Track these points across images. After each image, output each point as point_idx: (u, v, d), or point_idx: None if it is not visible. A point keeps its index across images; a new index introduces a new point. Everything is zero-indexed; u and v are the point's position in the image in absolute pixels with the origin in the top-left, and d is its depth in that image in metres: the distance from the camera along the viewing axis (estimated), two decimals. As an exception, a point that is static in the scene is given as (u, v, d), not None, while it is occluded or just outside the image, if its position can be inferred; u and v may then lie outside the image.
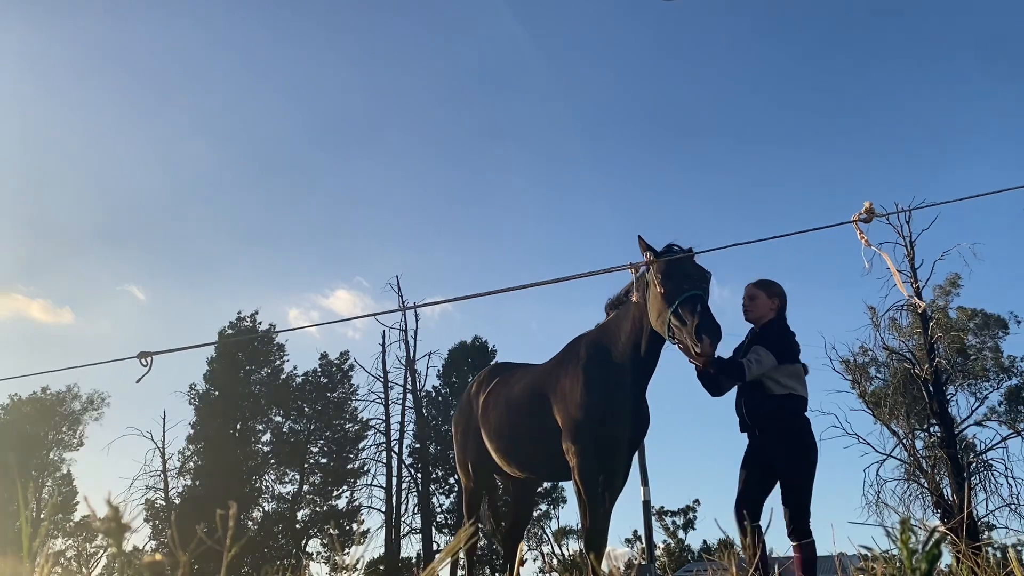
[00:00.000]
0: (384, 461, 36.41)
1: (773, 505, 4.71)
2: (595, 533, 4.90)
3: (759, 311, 4.93)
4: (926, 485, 25.72)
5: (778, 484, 4.71)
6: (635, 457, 5.73)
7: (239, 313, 39.65)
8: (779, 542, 4.75)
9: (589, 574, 4.75)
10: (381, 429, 36.81)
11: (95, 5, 53.78)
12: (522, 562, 3.80)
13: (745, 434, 4.93)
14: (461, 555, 6.40)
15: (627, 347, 4.92)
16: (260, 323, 39.37)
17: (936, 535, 1.23)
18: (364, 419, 38.14)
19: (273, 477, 37.65)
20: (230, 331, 38.33)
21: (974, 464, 25.96)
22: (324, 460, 38.04)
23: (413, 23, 55.28)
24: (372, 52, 54.38)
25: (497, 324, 57.06)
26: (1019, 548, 25.84)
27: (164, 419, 36.97)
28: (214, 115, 54.12)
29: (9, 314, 50.95)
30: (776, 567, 4.66)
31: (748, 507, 4.65)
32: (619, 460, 5.14)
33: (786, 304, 4.99)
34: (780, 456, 4.65)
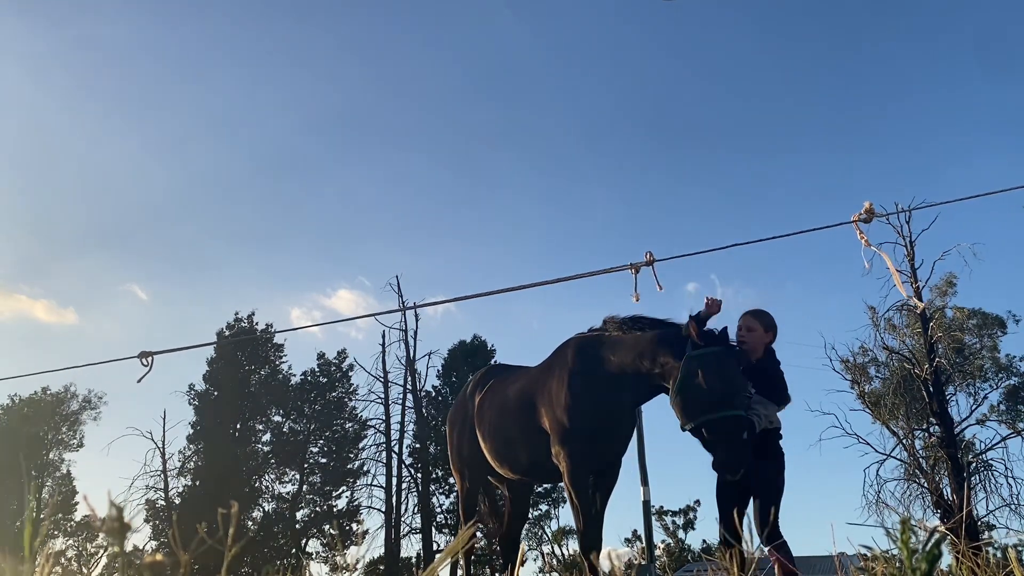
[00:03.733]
0: (384, 461, 36.43)
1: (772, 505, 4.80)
2: (589, 535, 4.98)
3: (754, 343, 5.01)
4: (926, 485, 25.73)
5: (752, 495, 4.87)
6: (630, 457, 5.78)
7: (236, 313, 39.72)
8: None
9: (588, 575, 4.78)
10: (381, 429, 36.83)
11: (98, 5, 53.82)
12: (522, 562, 3.81)
13: None
14: (459, 555, 6.44)
15: (619, 377, 4.93)
16: (257, 323, 39.41)
17: (936, 535, 1.23)
18: (364, 419, 38.21)
19: (273, 477, 37.67)
20: (228, 331, 38.36)
21: (974, 464, 25.96)
22: (324, 460, 38.05)
23: (414, 25, 55.28)
24: (375, 53, 54.38)
25: (497, 324, 57.13)
26: (1019, 548, 25.85)
27: (164, 419, 37.02)
28: (217, 115, 54.19)
29: (12, 315, 51.10)
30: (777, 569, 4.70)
31: (733, 521, 4.78)
32: (608, 462, 5.21)
33: (776, 337, 5.13)
34: (760, 471, 4.78)
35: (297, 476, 37.50)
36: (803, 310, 51.27)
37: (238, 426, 37.64)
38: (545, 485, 34.88)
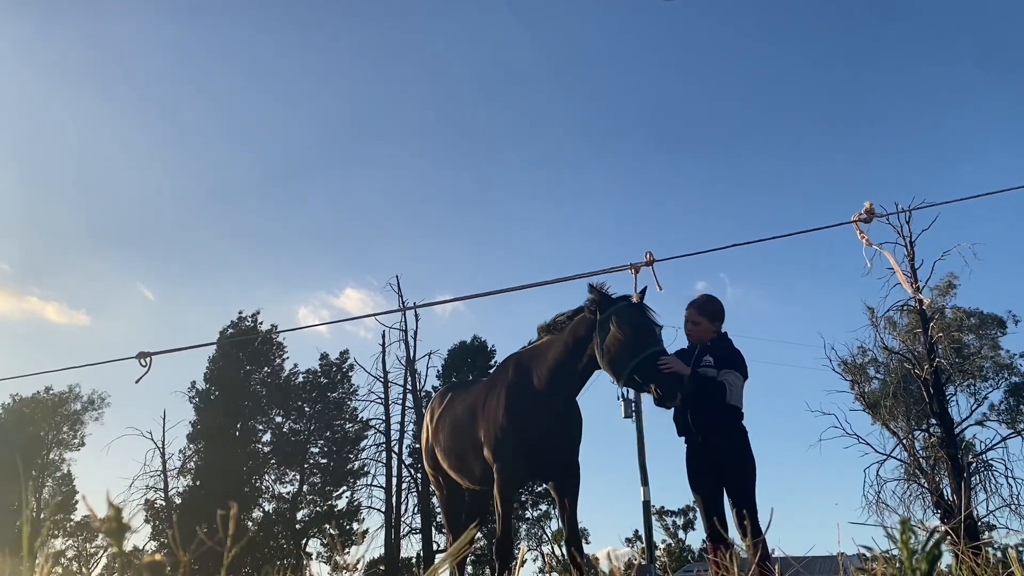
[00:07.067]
0: (384, 461, 36.41)
1: (773, 505, 4.81)
2: (505, 541, 5.26)
3: (702, 335, 5.24)
4: (926, 485, 25.70)
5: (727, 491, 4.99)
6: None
7: (240, 313, 39.66)
8: (778, 542, 4.80)
9: (583, 574, 4.90)
10: (381, 429, 36.81)
11: (108, 7, 53.85)
12: (522, 563, 3.82)
13: (683, 438, 5.21)
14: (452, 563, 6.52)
15: (555, 371, 5.14)
16: (261, 323, 39.37)
17: (936, 535, 1.23)
18: (364, 419, 38.17)
19: (273, 477, 37.63)
20: (231, 331, 38.30)
21: (974, 464, 25.94)
22: (324, 460, 38.00)
23: (418, 28, 55.31)
24: (381, 56, 54.42)
25: (498, 324, 57.12)
26: (1020, 548, 25.84)
27: (164, 419, 37.00)
28: (225, 117, 54.35)
29: (24, 316, 51.33)
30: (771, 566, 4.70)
31: (719, 519, 4.86)
32: (559, 468, 5.35)
33: (724, 320, 5.31)
34: (728, 464, 4.94)
35: (297, 476, 37.46)
36: (803, 310, 51.32)
37: (238, 426, 37.59)
38: (545, 484, 34.85)
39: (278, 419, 38.63)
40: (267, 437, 38.39)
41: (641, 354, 4.65)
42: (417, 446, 36.62)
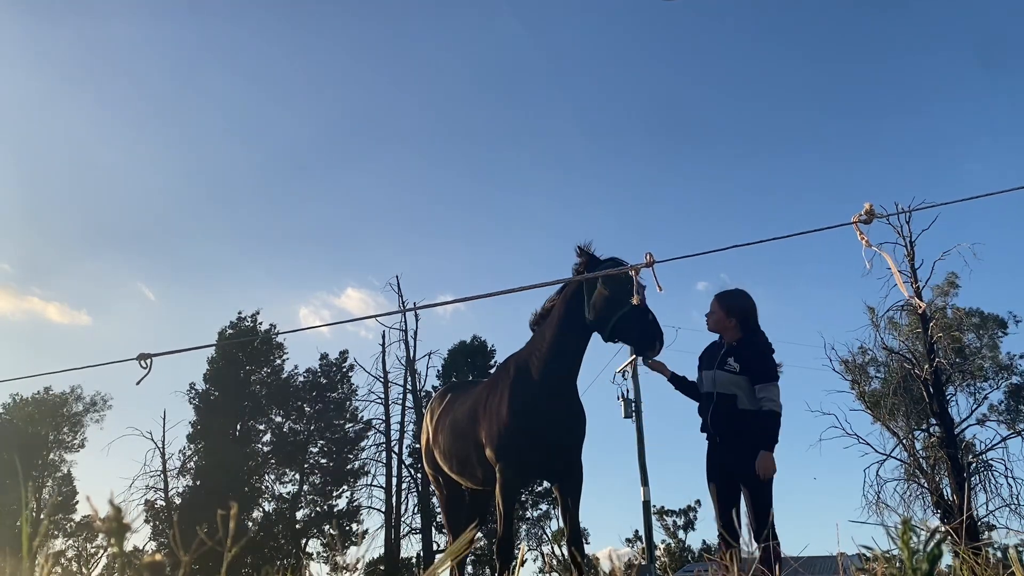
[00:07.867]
0: (384, 461, 36.42)
1: (773, 505, 4.82)
2: (507, 542, 5.25)
3: (715, 325, 5.17)
4: (926, 485, 25.71)
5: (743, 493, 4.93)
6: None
7: (239, 313, 39.65)
8: (786, 543, 4.81)
9: (583, 573, 4.94)
10: (381, 429, 36.82)
11: (108, 7, 53.87)
12: (522, 563, 3.83)
13: (705, 435, 5.14)
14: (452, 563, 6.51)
15: (552, 351, 5.17)
16: (261, 323, 39.36)
17: (937, 535, 1.23)
18: (364, 419, 38.18)
19: (273, 477, 37.64)
20: (230, 331, 38.30)
21: (974, 464, 25.94)
22: (324, 460, 38.01)
23: (419, 26, 55.31)
24: (382, 55, 54.45)
25: (497, 324, 57.15)
26: (1020, 548, 25.80)
27: (164, 419, 36.99)
28: (226, 117, 54.39)
29: (24, 316, 51.40)
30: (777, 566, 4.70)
31: (731, 522, 4.81)
32: (562, 467, 5.33)
33: (751, 317, 5.13)
34: (743, 468, 4.83)
35: (297, 476, 37.48)
36: (803, 310, 51.33)
37: (238, 426, 37.60)
38: (545, 484, 34.88)
39: (278, 419, 38.64)
40: (267, 437, 38.42)
41: (624, 307, 4.82)
42: (417, 446, 36.63)
